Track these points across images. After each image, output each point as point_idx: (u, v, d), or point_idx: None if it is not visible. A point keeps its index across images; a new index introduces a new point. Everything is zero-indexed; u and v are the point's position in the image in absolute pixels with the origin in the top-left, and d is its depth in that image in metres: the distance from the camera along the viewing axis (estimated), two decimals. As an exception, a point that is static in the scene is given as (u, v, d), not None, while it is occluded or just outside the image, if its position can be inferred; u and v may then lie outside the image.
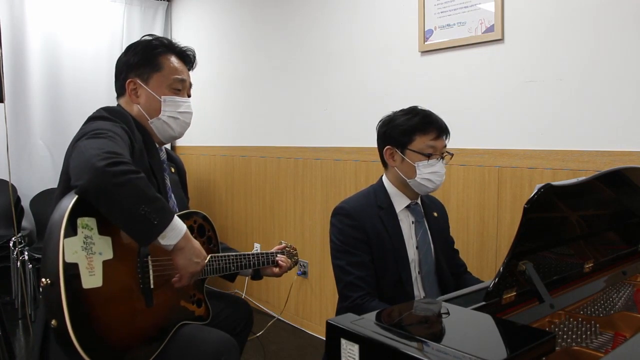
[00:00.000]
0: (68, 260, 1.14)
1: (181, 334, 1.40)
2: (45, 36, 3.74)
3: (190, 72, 1.67)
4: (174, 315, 1.42)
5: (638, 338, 1.01)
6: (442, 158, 1.65)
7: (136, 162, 1.37)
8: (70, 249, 1.15)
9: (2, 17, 3.39)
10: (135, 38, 4.51)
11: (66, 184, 1.28)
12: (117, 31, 4.06)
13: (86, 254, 1.18)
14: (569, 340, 1.05)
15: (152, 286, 1.33)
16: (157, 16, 4.25)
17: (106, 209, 1.18)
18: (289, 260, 1.86)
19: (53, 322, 1.12)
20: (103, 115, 1.41)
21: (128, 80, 1.54)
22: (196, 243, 1.35)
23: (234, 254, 1.66)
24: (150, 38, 1.60)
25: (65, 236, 1.14)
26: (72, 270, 1.14)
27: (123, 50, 1.62)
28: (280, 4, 3.24)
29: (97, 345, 1.15)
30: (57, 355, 1.30)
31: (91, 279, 1.18)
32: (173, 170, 1.70)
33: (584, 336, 1.08)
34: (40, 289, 1.18)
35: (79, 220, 1.19)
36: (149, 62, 1.55)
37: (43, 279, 1.14)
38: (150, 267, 1.33)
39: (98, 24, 3.96)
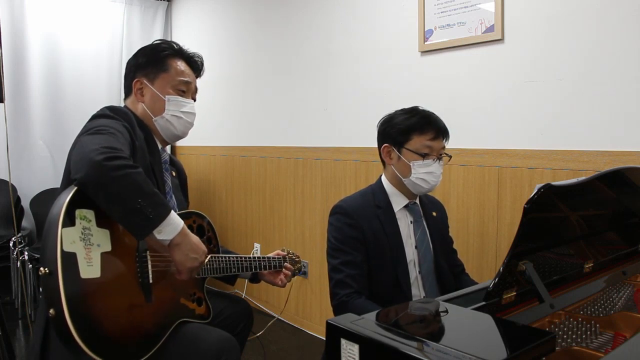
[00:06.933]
0: (66, 249, 1.15)
1: (182, 332, 1.40)
2: (45, 36, 3.74)
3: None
4: (173, 312, 1.42)
5: (638, 338, 1.01)
6: (440, 159, 1.65)
7: (137, 159, 1.40)
8: (68, 239, 1.16)
9: (2, 17, 3.40)
10: (135, 38, 4.52)
11: (69, 180, 1.30)
12: (117, 31, 4.06)
13: (84, 244, 1.19)
14: (569, 340, 1.05)
15: (150, 281, 1.33)
16: (157, 16, 4.26)
17: (103, 201, 1.21)
18: (292, 268, 1.85)
19: (51, 311, 1.12)
20: (106, 113, 1.44)
21: (135, 80, 1.60)
22: (195, 238, 1.35)
23: (234, 255, 1.66)
24: (160, 41, 1.66)
25: (63, 226, 1.16)
26: (70, 260, 1.15)
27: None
28: (280, 4, 3.24)
29: (94, 336, 1.15)
30: (57, 355, 1.30)
31: (89, 269, 1.18)
32: (174, 174, 1.72)
33: (584, 336, 1.08)
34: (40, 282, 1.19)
35: (77, 212, 1.20)
36: (156, 63, 1.60)
37: (42, 268, 1.14)
38: (149, 262, 1.34)
39: (98, 24, 3.96)
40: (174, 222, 1.28)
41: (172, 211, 1.28)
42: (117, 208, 1.20)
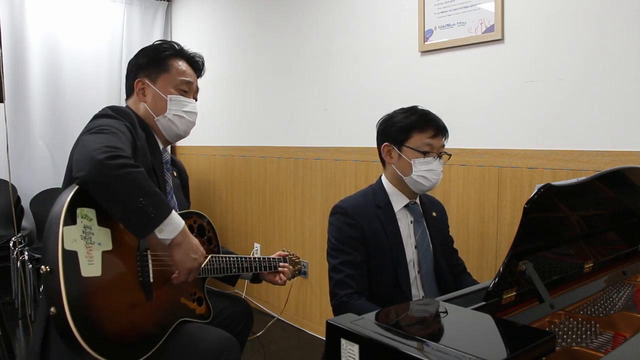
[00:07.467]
0: (67, 247, 1.15)
1: (182, 332, 1.40)
2: (45, 36, 3.74)
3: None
4: (173, 312, 1.42)
5: (638, 338, 1.01)
6: (440, 157, 1.65)
7: (139, 159, 1.40)
8: (69, 237, 1.16)
9: (2, 17, 3.40)
10: (136, 38, 4.52)
11: (70, 179, 1.31)
12: (117, 31, 4.06)
13: (85, 243, 1.19)
14: (569, 340, 1.05)
15: (151, 280, 1.33)
16: (157, 16, 4.26)
17: (105, 200, 1.21)
18: (292, 268, 1.85)
19: (52, 309, 1.12)
20: (108, 113, 1.45)
21: (136, 80, 1.61)
22: (194, 240, 1.36)
23: (234, 256, 1.66)
24: (161, 42, 1.67)
25: (65, 224, 1.16)
26: (71, 258, 1.15)
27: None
28: (280, 4, 3.24)
29: (95, 334, 1.15)
30: (57, 355, 1.30)
31: (90, 268, 1.19)
32: (175, 174, 1.72)
33: (584, 336, 1.08)
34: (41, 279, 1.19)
35: (79, 210, 1.21)
36: (158, 63, 1.61)
37: (43, 267, 1.15)
38: (150, 261, 1.34)
39: (98, 24, 3.97)
40: (175, 222, 1.28)
41: (174, 211, 1.28)
42: (118, 207, 1.21)
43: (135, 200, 1.20)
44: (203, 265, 1.48)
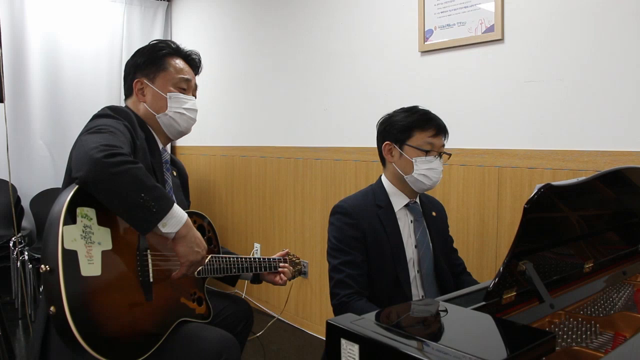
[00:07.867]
0: (67, 247, 1.15)
1: (182, 332, 1.40)
2: (45, 36, 3.74)
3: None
4: (173, 311, 1.42)
5: (638, 338, 1.01)
6: (440, 157, 1.66)
7: (138, 159, 1.40)
8: (69, 237, 1.16)
9: (2, 17, 3.39)
10: (135, 38, 4.51)
11: (70, 179, 1.31)
12: (117, 31, 4.06)
13: (85, 242, 1.19)
14: (569, 340, 1.05)
15: (151, 279, 1.33)
16: (157, 16, 4.26)
17: (106, 198, 1.21)
18: (292, 268, 1.85)
19: (52, 308, 1.13)
20: (107, 113, 1.45)
21: (135, 81, 1.61)
22: (198, 233, 1.36)
23: (235, 256, 1.66)
24: (157, 41, 1.68)
25: (65, 224, 1.16)
26: (71, 257, 1.15)
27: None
28: (280, 4, 3.24)
29: (95, 333, 1.15)
30: (57, 355, 1.30)
31: (90, 267, 1.19)
32: (175, 173, 1.72)
33: (584, 336, 1.08)
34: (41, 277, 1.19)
35: (79, 210, 1.21)
36: (155, 62, 1.61)
37: (42, 266, 1.15)
38: (150, 260, 1.34)
39: (98, 24, 3.97)
40: (178, 215, 1.28)
41: (175, 204, 1.28)
42: (119, 204, 1.21)
43: (136, 196, 1.20)
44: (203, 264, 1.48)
